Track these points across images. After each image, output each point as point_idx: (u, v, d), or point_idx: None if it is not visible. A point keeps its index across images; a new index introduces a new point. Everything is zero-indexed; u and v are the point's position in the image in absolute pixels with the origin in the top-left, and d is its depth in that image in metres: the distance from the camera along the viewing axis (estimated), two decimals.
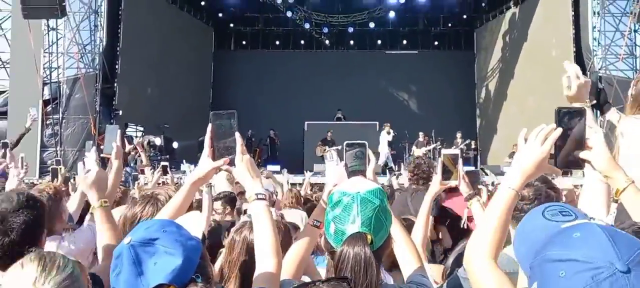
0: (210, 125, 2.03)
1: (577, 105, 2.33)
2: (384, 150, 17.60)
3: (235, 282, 2.39)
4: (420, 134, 18.04)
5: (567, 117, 1.72)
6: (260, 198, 1.96)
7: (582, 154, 1.71)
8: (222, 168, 2.07)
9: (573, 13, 16.20)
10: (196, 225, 1.68)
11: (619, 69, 15.02)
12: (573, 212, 1.39)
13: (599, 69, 15.12)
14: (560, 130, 1.68)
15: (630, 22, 14.98)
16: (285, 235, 2.55)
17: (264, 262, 1.85)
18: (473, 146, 19.10)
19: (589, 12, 15.50)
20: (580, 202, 2.42)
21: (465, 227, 3.76)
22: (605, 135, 1.77)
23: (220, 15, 23.44)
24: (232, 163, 2.01)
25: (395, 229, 2.19)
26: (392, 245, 1.93)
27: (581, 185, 2.79)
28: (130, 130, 18.06)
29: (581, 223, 1.16)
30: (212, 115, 2.05)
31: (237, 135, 2.01)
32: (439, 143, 17.22)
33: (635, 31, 15.41)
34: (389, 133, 17.86)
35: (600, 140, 1.72)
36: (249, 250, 2.37)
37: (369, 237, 1.69)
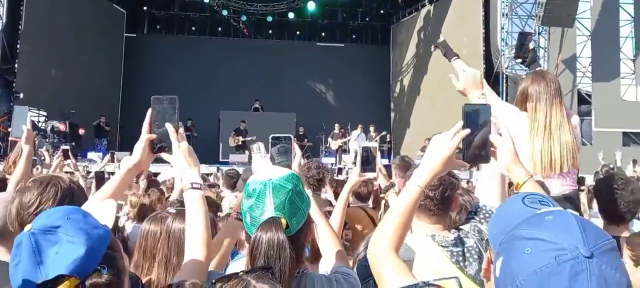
0: (149, 111, 1.94)
1: (476, 99, 2.47)
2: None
3: (150, 272, 2.28)
4: (336, 126, 18.24)
5: (474, 114, 1.79)
6: (195, 188, 1.91)
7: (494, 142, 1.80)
8: (159, 156, 1.99)
9: (483, 14, 17.00)
10: (107, 213, 1.56)
11: (523, 69, 15.90)
12: (551, 203, 1.45)
13: (506, 68, 15.95)
14: (468, 130, 1.76)
15: (534, 25, 15.91)
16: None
17: (194, 252, 1.82)
18: (388, 139, 19.58)
19: (498, 13, 16.32)
20: (477, 189, 2.54)
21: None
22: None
23: None
24: (170, 150, 1.94)
25: (320, 222, 2.21)
26: (314, 235, 1.91)
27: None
28: (33, 115, 17.00)
29: (556, 210, 1.21)
30: (152, 99, 1.95)
31: (172, 122, 1.93)
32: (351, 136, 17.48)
33: (539, 33, 16.39)
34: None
35: (505, 135, 1.83)
36: (171, 239, 2.30)
37: (283, 220, 1.68)
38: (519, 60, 15.31)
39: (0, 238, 2.38)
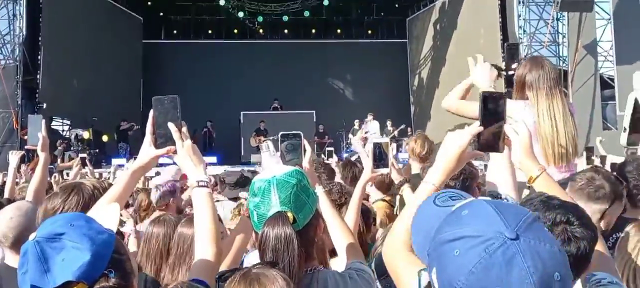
0: (151, 112, 1.94)
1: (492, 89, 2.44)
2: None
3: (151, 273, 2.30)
4: (356, 122, 18.19)
5: (491, 102, 1.77)
6: (202, 186, 1.91)
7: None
8: (164, 156, 2.00)
9: (499, 2, 16.79)
10: (111, 217, 1.58)
11: (543, 56, 15.64)
12: (462, 195, 1.44)
13: (525, 56, 15.72)
14: (481, 128, 1.74)
15: (552, 11, 15.66)
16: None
17: (203, 251, 1.81)
18: (409, 133, 19.46)
19: (515, 1, 16.08)
20: (487, 179, 2.52)
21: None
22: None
23: (149, 3, 22.56)
24: (175, 151, 1.94)
25: (332, 218, 2.19)
26: (325, 231, 1.90)
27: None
28: (56, 124, 17.30)
29: (468, 202, 1.21)
30: (154, 100, 1.96)
31: (175, 122, 1.93)
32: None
33: (557, 19, 16.12)
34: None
35: (522, 128, 1.82)
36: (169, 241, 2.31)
37: (290, 214, 1.67)
38: (511, 73, 15.03)
39: (17, 247, 2.43)
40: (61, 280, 1.32)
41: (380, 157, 2.89)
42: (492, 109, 1.76)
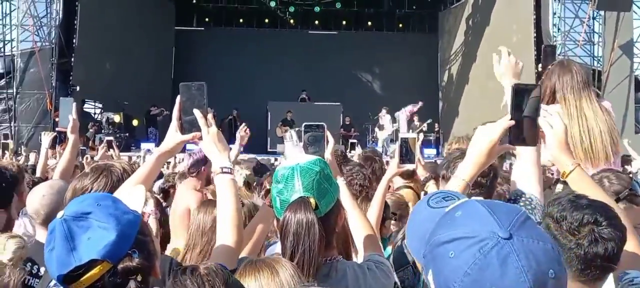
0: (178, 98, 1.97)
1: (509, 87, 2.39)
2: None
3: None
4: (383, 111, 18.10)
5: (523, 94, 1.73)
6: (225, 172, 1.93)
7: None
8: (190, 141, 2.02)
9: None
10: (137, 198, 1.62)
11: (577, 55, 15.35)
12: (456, 196, 1.44)
13: (559, 54, 15.43)
14: (512, 122, 1.72)
15: (589, 9, 15.31)
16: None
17: (225, 237, 1.84)
18: (436, 128, 19.32)
19: None
20: (514, 174, 2.48)
21: None
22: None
23: None
24: (201, 136, 1.96)
25: (352, 209, 2.19)
26: (344, 221, 1.91)
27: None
28: (88, 107, 17.64)
29: (461, 203, 1.21)
30: (181, 86, 1.99)
31: (201, 108, 1.95)
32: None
33: (593, 18, 15.76)
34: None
35: (557, 121, 1.78)
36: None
37: (312, 200, 1.69)
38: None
39: (49, 224, 2.51)
40: (86, 258, 1.36)
41: (406, 153, 2.89)
42: (524, 102, 1.72)
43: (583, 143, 2.97)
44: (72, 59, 16.09)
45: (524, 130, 1.73)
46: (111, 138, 5.67)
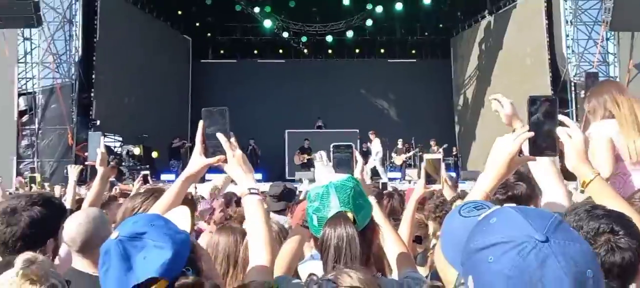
0: (201, 122, 2.01)
1: (519, 128, 2.36)
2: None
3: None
4: (400, 141, 18.13)
5: (539, 105, 1.75)
6: (253, 193, 1.95)
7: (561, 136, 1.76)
8: (214, 165, 2.05)
9: (547, 22, 16.51)
10: (184, 219, 1.67)
11: (597, 75, 15.23)
12: (486, 205, 1.46)
13: (574, 76, 15.41)
14: (531, 133, 1.73)
15: (602, 30, 15.29)
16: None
17: (258, 256, 1.85)
18: (454, 152, 19.25)
19: (562, 20, 15.76)
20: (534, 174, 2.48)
21: None
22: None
23: (197, 24, 23.34)
24: (225, 160, 1.99)
25: (385, 227, 2.20)
26: (379, 238, 1.93)
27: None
28: (109, 141, 17.87)
29: (495, 210, 1.22)
30: (203, 111, 2.02)
31: (224, 133, 1.99)
32: (418, 149, 17.33)
33: (607, 39, 15.72)
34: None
35: (575, 130, 1.78)
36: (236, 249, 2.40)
37: (350, 214, 1.70)
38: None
39: (85, 252, 2.56)
40: (144, 277, 1.39)
41: (431, 174, 2.90)
42: (541, 113, 1.73)
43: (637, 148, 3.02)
44: (92, 94, 16.39)
45: (543, 141, 1.74)
46: (147, 172, 5.78)
